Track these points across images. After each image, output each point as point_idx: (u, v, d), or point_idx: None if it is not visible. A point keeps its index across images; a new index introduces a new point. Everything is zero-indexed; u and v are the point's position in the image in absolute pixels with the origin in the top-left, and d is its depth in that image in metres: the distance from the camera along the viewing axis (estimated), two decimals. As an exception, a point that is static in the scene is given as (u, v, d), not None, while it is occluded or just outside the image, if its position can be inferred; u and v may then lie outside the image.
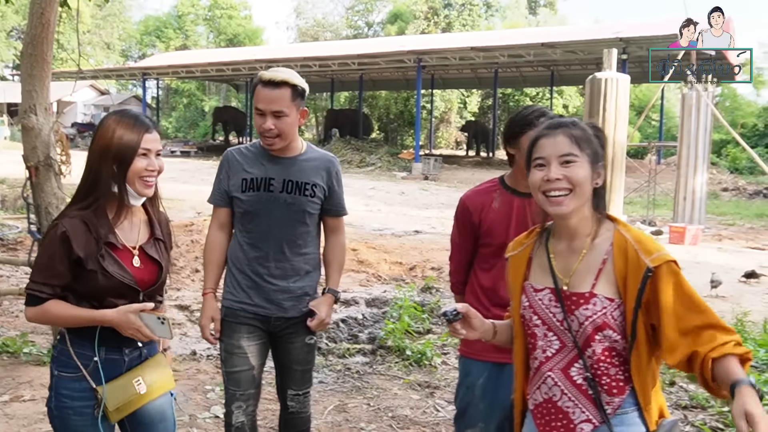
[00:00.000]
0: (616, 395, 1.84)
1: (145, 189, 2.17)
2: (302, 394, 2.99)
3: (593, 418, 1.86)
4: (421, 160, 26.38)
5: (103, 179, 2.12)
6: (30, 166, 4.63)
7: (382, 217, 14.30)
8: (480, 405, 2.76)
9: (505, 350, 2.60)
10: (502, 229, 2.73)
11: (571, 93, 40.58)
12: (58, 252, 2.09)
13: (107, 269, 2.10)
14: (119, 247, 2.16)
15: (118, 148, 2.11)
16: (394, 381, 5.02)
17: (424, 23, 43.11)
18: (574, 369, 1.88)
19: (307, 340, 2.94)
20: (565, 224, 1.92)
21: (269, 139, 2.76)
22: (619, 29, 24.07)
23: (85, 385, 2.13)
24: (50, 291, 2.11)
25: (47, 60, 4.65)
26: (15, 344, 5.04)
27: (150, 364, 2.26)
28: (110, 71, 37.97)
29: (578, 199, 1.86)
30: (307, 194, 2.84)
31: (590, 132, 1.92)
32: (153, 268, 2.24)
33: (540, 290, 1.95)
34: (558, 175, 1.86)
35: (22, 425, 3.91)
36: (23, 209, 9.51)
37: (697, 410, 4.52)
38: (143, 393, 2.19)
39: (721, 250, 11.52)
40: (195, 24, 55.06)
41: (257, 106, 2.76)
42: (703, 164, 13.73)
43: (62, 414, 2.15)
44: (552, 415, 1.93)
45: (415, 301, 6.83)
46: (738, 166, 28.09)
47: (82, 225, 2.10)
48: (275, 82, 2.72)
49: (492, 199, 2.77)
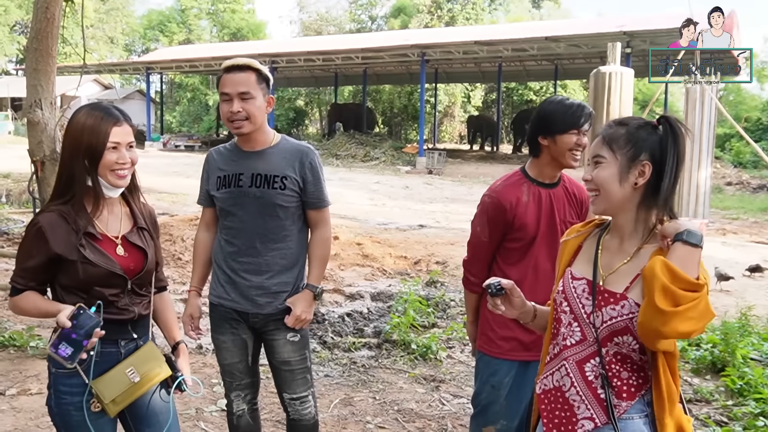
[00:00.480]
0: (624, 399, 1.82)
1: (118, 181, 2.18)
2: (297, 399, 2.92)
3: (596, 417, 1.84)
4: (425, 154, 26.34)
5: (77, 174, 2.14)
6: (36, 160, 4.66)
7: (386, 212, 14.30)
8: (504, 402, 2.73)
9: (532, 348, 2.63)
10: (534, 223, 2.71)
11: (575, 87, 40.47)
12: (33, 248, 2.13)
13: (89, 258, 2.12)
14: (100, 238, 2.18)
15: (88, 142, 2.12)
16: (399, 375, 5.04)
17: (427, 17, 42.98)
18: (590, 364, 1.87)
19: (289, 337, 2.87)
20: (613, 221, 1.93)
21: (238, 122, 2.72)
22: (623, 23, 23.99)
23: (81, 380, 2.15)
24: (23, 283, 2.15)
25: (52, 54, 4.66)
26: (22, 338, 5.06)
27: (141, 353, 2.25)
28: (114, 66, 38.01)
29: (606, 200, 1.86)
30: (276, 187, 2.77)
31: (632, 129, 1.86)
32: (138, 256, 2.25)
33: (578, 279, 1.95)
34: (587, 176, 1.90)
35: (29, 418, 3.94)
36: (28, 203, 9.56)
37: (701, 404, 4.52)
38: (137, 382, 2.19)
39: (725, 244, 11.51)
40: (198, 18, 54.94)
41: (223, 91, 2.73)
42: (707, 158, 13.68)
43: (62, 410, 2.17)
44: (558, 404, 1.93)
45: (420, 295, 6.84)
46: (742, 160, 27.96)
47: (59, 219, 2.13)
48: (239, 66, 2.73)
49: (522, 193, 2.74)
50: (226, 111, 2.73)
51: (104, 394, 2.14)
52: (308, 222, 2.94)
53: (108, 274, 2.16)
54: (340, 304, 7.08)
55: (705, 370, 5.10)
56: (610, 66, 10.79)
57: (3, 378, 4.45)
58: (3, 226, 10.20)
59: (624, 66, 11.98)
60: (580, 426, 1.86)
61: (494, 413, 2.76)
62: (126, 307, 2.21)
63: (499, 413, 2.75)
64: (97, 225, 2.19)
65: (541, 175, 2.77)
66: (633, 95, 10.84)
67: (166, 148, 33.21)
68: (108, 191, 2.20)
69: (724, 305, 6.86)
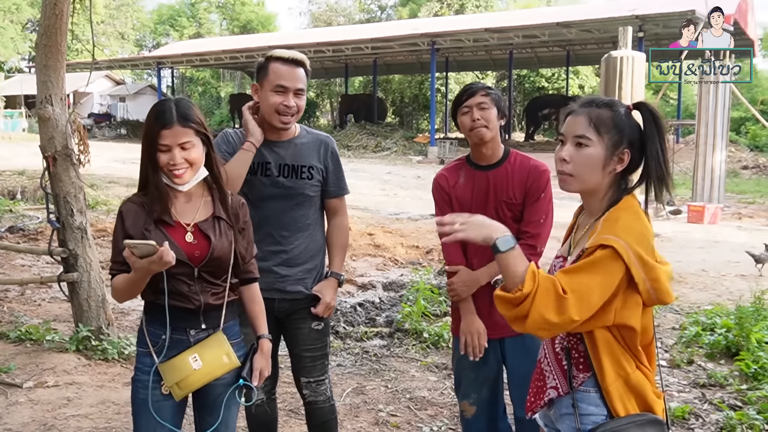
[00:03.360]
0: (581, 371, 1.88)
1: (175, 179, 2.23)
2: (314, 382, 2.96)
3: (560, 386, 1.92)
4: (437, 144, 26.31)
5: (143, 168, 2.27)
6: (47, 156, 4.69)
7: (398, 201, 14.31)
8: (469, 377, 2.91)
9: (488, 327, 2.78)
10: (468, 202, 2.88)
11: (587, 73, 40.15)
12: (117, 231, 2.26)
13: None
14: (172, 225, 2.25)
15: (145, 141, 2.23)
16: (411, 363, 5.06)
17: (437, 5, 42.76)
18: (559, 337, 1.94)
19: (314, 325, 2.91)
20: (584, 200, 1.97)
21: (288, 117, 2.73)
22: (635, 7, 23.74)
23: (152, 360, 2.25)
24: (118, 267, 2.24)
25: (62, 50, 4.68)
26: (38, 332, 5.12)
27: (210, 341, 2.29)
28: (125, 61, 38.16)
29: (581, 182, 1.87)
30: (304, 177, 2.82)
31: (621, 116, 1.86)
32: (206, 245, 2.28)
33: (558, 257, 2.02)
34: (565, 155, 1.86)
35: (46, 410, 3.99)
36: (42, 200, 9.63)
37: (715, 388, 4.51)
38: (199, 369, 2.23)
39: (741, 228, 11.42)
40: (208, 12, 55.09)
41: (280, 83, 2.69)
42: (722, 142, 13.57)
43: (134, 386, 2.31)
44: (537, 374, 2.04)
45: (432, 284, 6.85)
46: (758, 143, 27.70)
47: (136, 206, 2.26)
48: (297, 60, 2.73)
49: (459, 176, 2.93)
50: (278, 102, 2.71)
51: (167, 377, 2.24)
52: (327, 210, 2.99)
53: None
54: (352, 294, 7.10)
55: (719, 354, 5.08)
56: (622, 51, 10.71)
57: (20, 371, 4.51)
58: (19, 223, 10.30)
59: (636, 50, 11.89)
60: (547, 394, 1.96)
61: (465, 387, 2.94)
62: (192, 295, 2.24)
63: (467, 386, 2.93)
64: (173, 213, 2.27)
65: (474, 157, 2.90)
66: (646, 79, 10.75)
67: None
68: (175, 186, 2.27)
69: (739, 289, 6.81)
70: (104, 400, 4.14)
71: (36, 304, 6.45)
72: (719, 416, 3.99)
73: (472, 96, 2.78)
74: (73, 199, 4.76)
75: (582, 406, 1.87)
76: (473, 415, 2.92)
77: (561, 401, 1.93)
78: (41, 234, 9.41)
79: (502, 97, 2.86)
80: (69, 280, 4.83)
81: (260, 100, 2.77)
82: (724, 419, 3.90)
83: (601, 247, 1.75)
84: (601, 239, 1.76)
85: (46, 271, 7.45)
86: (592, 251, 1.76)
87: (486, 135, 2.77)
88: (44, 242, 8.37)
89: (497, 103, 2.80)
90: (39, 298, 6.63)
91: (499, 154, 2.86)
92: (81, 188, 4.84)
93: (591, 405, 1.87)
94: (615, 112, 1.86)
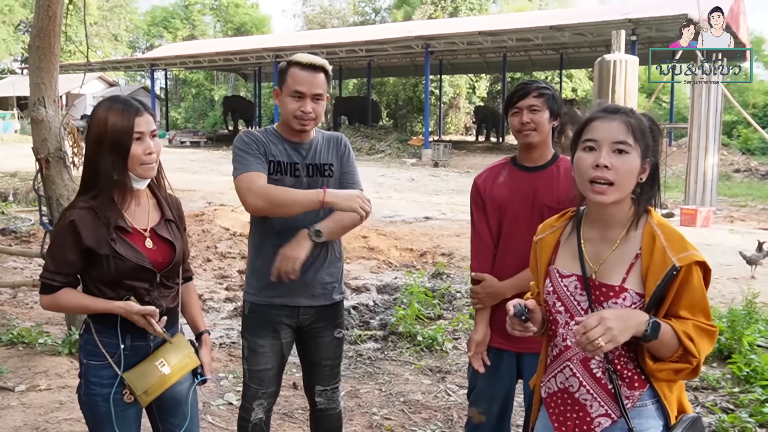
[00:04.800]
0: (636, 389, 1.81)
1: (146, 172, 2.18)
2: (330, 389, 2.94)
3: (612, 412, 1.82)
4: (431, 146, 26.32)
5: (103, 169, 2.13)
6: (40, 158, 4.67)
7: (392, 204, 14.30)
8: (482, 386, 2.83)
9: (503, 336, 2.66)
10: (505, 202, 2.78)
11: (580, 76, 40.28)
12: (68, 241, 2.12)
13: (120, 252, 2.13)
14: (130, 231, 2.18)
15: (113, 135, 2.11)
16: (405, 366, 5.05)
17: (431, 8, 42.81)
18: (595, 361, 1.84)
19: (335, 334, 2.89)
20: (603, 212, 1.85)
21: (306, 122, 2.71)
22: (628, 10, 23.85)
23: (112, 372, 2.18)
24: (62, 279, 2.16)
25: (55, 52, 4.67)
26: (30, 335, 5.10)
27: (171, 345, 2.27)
28: (118, 63, 38.07)
29: (621, 191, 1.79)
30: (327, 174, 2.80)
31: (646, 124, 1.83)
32: (167, 249, 2.25)
33: (566, 276, 1.90)
34: (607, 162, 1.76)
35: (38, 414, 3.97)
36: (35, 202, 9.60)
37: (707, 391, 4.52)
38: (168, 374, 2.22)
39: (733, 231, 11.46)
40: (202, 14, 54.98)
41: (297, 89, 2.67)
42: (714, 145, 13.62)
43: (90, 401, 2.20)
44: (567, 406, 1.90)
45: (426, 287, 6.85)
46: (750, 146, 27.81)
47: (90, 213, 2.13)
48: (316, 65, 2.71)
49: (500, 175, 2.83)
50: (295, 108, 2.68)
51: (136, 386, 2.18)
52: None
53: (137, 268, 2.16)
54: (346, 297, 7.09)
55: (711, 357, 5.09)
56: (615, 54, 10.75)
57: (12, 375, 4.48)
58: (10, 225, 10.26)
59: (629, 54, 11.91)
60: (597, 424, 1.84)
61: (476, 395, 2.87)
62: (154, 301, 2.21)
63: (479, 395, 2.84)
64: (126, 218, 2.19)
65: (520, 158, 2.80)
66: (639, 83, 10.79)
67: (172, 145, 33.25)
68: (136, 183, 2.20)
69: (731, 292, 6.84)
70: (97, 404, 4.11)
71: (28, 307, 6.42)
72: (712, 419, 3.99)
73: (524, 98, 2.66)
74: (66, 202, 4.73)
75: (640, 422, 1.81)
76: (480, 424, 2.86)
77: (614, 427, 1.84)
78: (33, 236, 9.38)
79: (557, 97, 2.72)
80: (62, 282, 4.80)
81: (279, 104, 2.77)
82: (717, 422, 3.91)
83: (696, 264, 1.74)
84: (692, 256, 1.74)
85: (39, 274, 7.40)
86: (689, 270, 1.74)
87: (534, 139, 2.67)
88: (36, 245, 8.34)
89: (550, 105, 2.68)
90: (31, 301, 6.60)
91: (546, 157, 2.75)
92: (74, 191, 4.81)
93: (650, 418, 1.82)
94: (641, 120, 1.83)
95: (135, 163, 2.14)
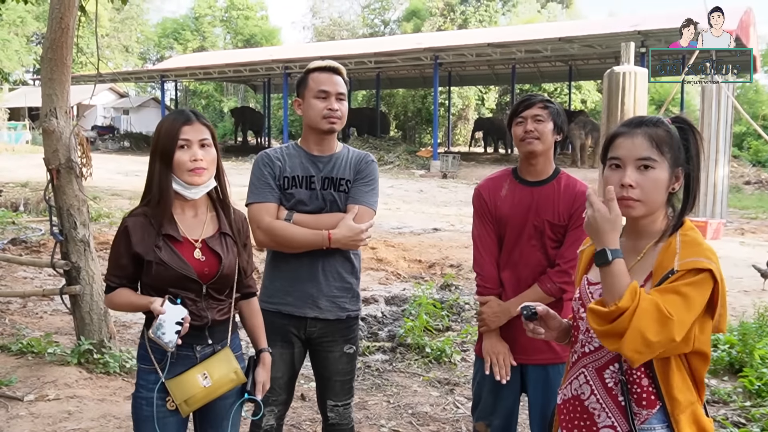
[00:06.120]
0: (644, 407, 1.77)
1: (193, 179, 2.21)
2: (342, 405, 2.93)
3: (617, 425, 1.80)
4: (440, 158, 26.34)
5: (156, 177, 2.23)
6: (51, 168, 4.70)
7: (400, 215, 14.30)
8: (488, 399, 2.83)
9: (514, 351, 2.72)
10: (506, 216, 2.80)
11: (589, 88, 40.28)
12: (121, 246, 2.24)
13: (163, 259, 2.18)
14: (180, 240, 2.24)
15: (161, 144, 2.21)
16: (413, 378, 5.03)
17: (440, 20, 43.03)
18: (609, 371, 1.83)
19: (346, 349, 2.88)
20: (635, 224, 1.84)
21: (334, 120, 2.76)
22: (637, 22, 23.85)
23: (157, 377, 2.23)
24: (117, 281, 2.26)
25: (67, 64, 4.71)
26: (39, 345, 5.11)
27: (217, 358, 2.29)
28: (129, 74, 38.34)
29: (648, 206, 1.78)
30: (342, 190, 2.81)
31: (674, 133, 1.80)
32: (215, 262, 2.27)
33: (594, 284, 1.89)
34: (632, 180, 1.76)
35: (47, 424, 3.97)
36: (46, 212, 9.65)
37: (719, 405, 4.48)
38: (208, 386, 2.23)
39: (744, 244, 11.40)
40: (212, 25, 55.38)
41: (322, 89, 2.75)
42: (725, 157, 13.55)
43: (136, 402, 2.28)
44: (577, 413, 1.89)
45: (434, 299, 6.84)
46: (760, 158, 27.71)
47: (143, 219, 2.23)
48: (334, 68, 2.79)
49: (502, 188, 2.85)
50: (322, 107, 2.74)
51: (175, 394, 2.22)
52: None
53: (181, 277, 2.20)
54: (360, 313, 7.07)
55: (722, 371, 5.05)
56: (624, 66, 10.73)
57: (21, 384, 4.50)
58: (21, 235, 10.31)
59: (639, 65, 11.89)
60: None
61: (482, 409, 2.87)
62: (199, 312, 2.23)
63: (484, 409, 2.85)
64: (180, 227, 2.25)
65: (522, 170, 2.80)
66: (648, 95, 10.77)
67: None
68: (187, 192, 2.24)
69: (742, 305, 6.79)
70: (105, 414, 4.12)
71: (38, 317, 6.44)
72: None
73: (529, 107, 2.69)
74: (76, 212, 4.77)
75: None
76: None
77: None
78: (44, 246, 9.42)
79: (561, 112, 2.75)
80: (71, 293, 4.83)
81: (304, 111, 2.81)
82: (729, 437, 3.88)
83: (697, 271, 1.68)
84: (696, 262, 1.69)
85: (49, 284, 7.44)
86: (684, 274, 1.68)
87: (536, 148, 2.67)
88: (47, 255, 8.37)
89: (554, 118, 2.70)
90: (41, 311, 6.62)
91: (548, 172, 2.76)
92: (84, 201, 4.85)
93: None
94: (668, 130, 1.81)
95: (180, 170, 2.20)
